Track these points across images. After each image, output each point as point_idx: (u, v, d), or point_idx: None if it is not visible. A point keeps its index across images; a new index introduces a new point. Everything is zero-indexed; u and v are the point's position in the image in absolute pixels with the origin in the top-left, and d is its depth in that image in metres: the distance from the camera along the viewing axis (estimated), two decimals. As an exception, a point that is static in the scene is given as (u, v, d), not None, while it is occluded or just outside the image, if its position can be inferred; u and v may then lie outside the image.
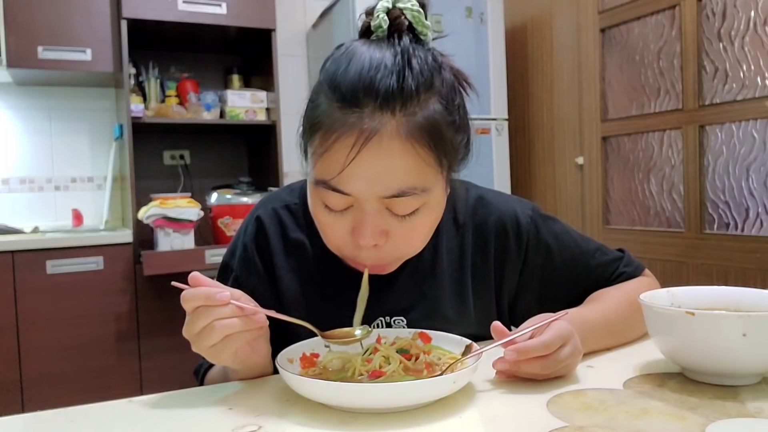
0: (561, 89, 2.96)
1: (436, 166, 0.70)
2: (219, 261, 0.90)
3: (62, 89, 2.79)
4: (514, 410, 0.60)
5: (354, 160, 0.66)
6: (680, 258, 2.39)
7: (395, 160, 0.67)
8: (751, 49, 2.15)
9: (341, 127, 0.67)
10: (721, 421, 0.55)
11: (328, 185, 0.69)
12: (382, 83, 0.66)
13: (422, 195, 0.70)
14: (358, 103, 0.66)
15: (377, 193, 0.68)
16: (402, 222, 0.71)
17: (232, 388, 0.70)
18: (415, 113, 0.67)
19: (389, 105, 0.66)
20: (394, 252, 0.73)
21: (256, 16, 2.61)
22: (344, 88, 0.67)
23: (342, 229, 0.72)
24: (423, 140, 0.68)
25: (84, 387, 2.26)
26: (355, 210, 0.70)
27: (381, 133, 0.66)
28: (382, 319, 0.83)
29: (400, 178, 0.68)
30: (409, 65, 0.67)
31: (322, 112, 0.69)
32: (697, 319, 0.61)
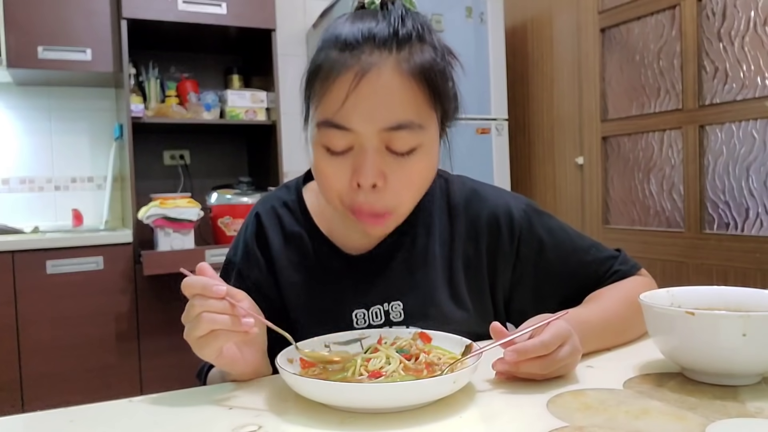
0: (561, 89, 2.96)
1: (431, 107, 0.75)
2: (219, 261, 0.92)
3: (62, 89, 2.79)
4: (514, 410, 0.60)
5: (353, 93, 0.70)
6: (680, 258, 2.39)
7: (393, 93, 0.71)
8: (751, 49, 2.15)
9: (341, 66, 0.71)
10: (721, 421, 0.55)
11: (330, 123, 0.72)
12: (379, 29, 0.72)
13: (419, 132, 0.73)
14: (356, 45, 0.72)
15: (377, 125, 0.71)
16: (399, 163, 0.73)
17: (232, 388, 0.70)
18: (412, 55, 0.73)
19: (386, 45, 0.71)
20: (392, 198, 0.75)
21: (256, 16, 2.61)
22: (343, 36, 0.73)
23: (343, 173, 0.74)
24: (418, 79, 0.72)
25: (84, 387, 2.26)
26: (355, 152, 0.73)
27: (379, 67, 0.71)
28: (379, 306, 0.83)
29: (398, 111, 0.71)
30: (402, 21, 0.73)
31: (322, 59, 0.74)
32: (697, 319, 0.61)
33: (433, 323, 0.80)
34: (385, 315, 0.84)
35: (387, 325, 0.83)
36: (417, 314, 0.83)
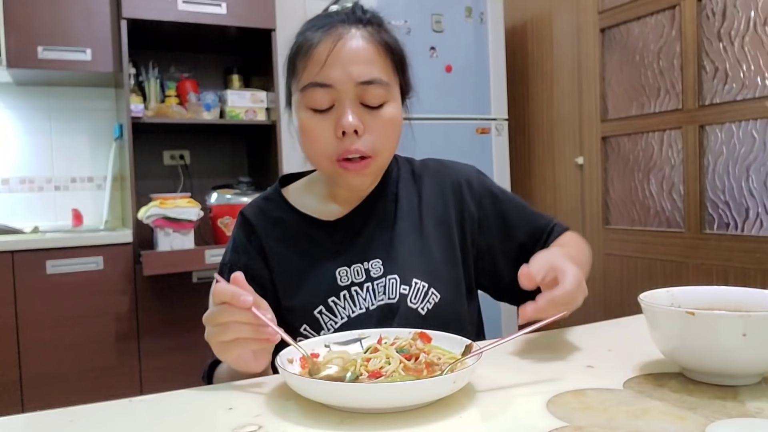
0: (561, 89, 2.96)
1: (394, 74, 0.90)
2: (219, 261, 0.94)
3: (62, 89, 2.79)
4: (514, 410, 0.60)
5: (332, 54, 0.84)
6: (680, 258, 2.39)
7: (365, 55, 0.86)
8: (751, 49, 2.15)
9: (320, 38, 0.86)
10: (721, 421, 0.55)
11: (313, 83, 0.85)
12: (347, 14, 0.89)
13: (387, 89, 0.87)
14: (331, 24, 0.87)
15: (354, 79, 0.84)
16: (373, 115, 0.86)
17: (232, 388, 0.70)
18: (377, 31, 0.89)
19: (355, 22, 0.88)
20: (372, 143, 0.86)
21: (256, 16, 2.61)
22: (318, 20, 0.89)
23: (327, 129, 0.86)
24: (384, 48, 0.88)
25: (84, 387, 2.26)
26: (336, 108, 0.86)
27: (352, 34, 0.86)
28: (360, 265, 0.92)
29: (370, 69, 0.86)
30: (363, 11, 0.91)
31: (301, 40, 0.89)
32: (697, 319, 0.61)
33: (408, 274, 0.91)
34: (366, 272, 0.92)
35: (368, 281, 0.91)
36: (393, 269, 0.92)
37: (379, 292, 0.91)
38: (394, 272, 0.92)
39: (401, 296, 0.90)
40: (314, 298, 0.90)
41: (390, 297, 0.91)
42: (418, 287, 0.91)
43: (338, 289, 0.91)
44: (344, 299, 0.91)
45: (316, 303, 0.90)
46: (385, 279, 0.91)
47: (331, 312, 0.90)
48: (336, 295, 0.90)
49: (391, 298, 0.91)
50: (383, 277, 0.92)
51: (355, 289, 0.91)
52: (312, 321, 0.89)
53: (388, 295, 0.91)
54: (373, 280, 0.92)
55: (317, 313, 0.89)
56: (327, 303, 0.90)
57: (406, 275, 0.91)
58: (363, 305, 0.91)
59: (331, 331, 0.89)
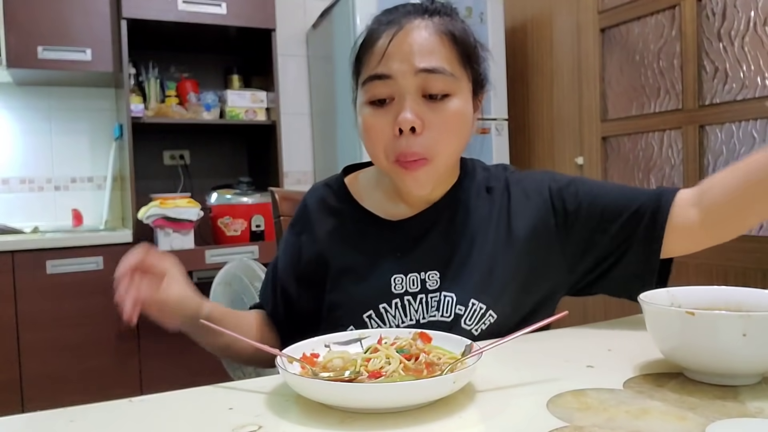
0: (561, 89, 2.96)
1: (462, 66, 0.84)
2: (219, 261, 0.96)
3: (62, 89, 2.79)
4: (514, 410, 0.60)
5: (392, 43, 0.81)
6: (680, 258, 2.39)
7: (427, 42, 0.81)
8: (751, 49, 2.15)
9: (383, 29, 0.83)
10: (721, 421, 0.55)
11: (372, 76, 0.82)
12: (414, 5, 0.85)
13: (451, 80, 0.82)
14: (395, 16, 0.84)
15: (413, 66, 0.80)
16: (435, 110, 0.81)
17: (232, 388, 0.70)
18: (445, 22, 0.84)
19: (421, 12, 0.84)
20: (430, 142, 0.81)
21: (256, 16, 2.61)
22: (384, 13, 0.86)
23: (386, 123, 0.82)
24: (450, 38, 0.83)
25: (84, 387, 2.26)
26: (396, 102, 0.82)
27: (415, 24, 0.82)
28: (416, 274, 0.88)
29: (432, 57, 0.81)
30: (430, 2, 0.86)
31: (367, 31, 0.86)
32: (697, 319, 0.61)
33: (467, 294, 0.85)
34: (422, 283, 0.88)
35: (423, 292, 0.87)
36: (451, 286, 0.87)
37: (432, 307, 0.87)
38: (451, 289, 0.87)
39: (456, 316, 0.86)
40: (366, 300, 0.87)
41: (444, 315, 0.86)
42: (475, 309, 0.86)
43: (391, 296, 0.87)
44: (395, 308, 0.87)
45: (367, 307, 0.87)
46: (440, 294, 0.87)
47: (381, 319, 0.87)
48: (388, 302, 0.87)
49: (444, 316, 0.86)
50: (438, 292, 0.87)
51: (408, 299, 0.87)
52: (360, 323, 0.86)
53: (442, 312, 0.86)
54: (428, 292, 0.87)
55: (366, 317, 0.86)
56: (378, 309, 0.86)
57: (464, 295, 0.85)
58: (414, 317, 0.87)
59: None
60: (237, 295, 1.56)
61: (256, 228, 2.61)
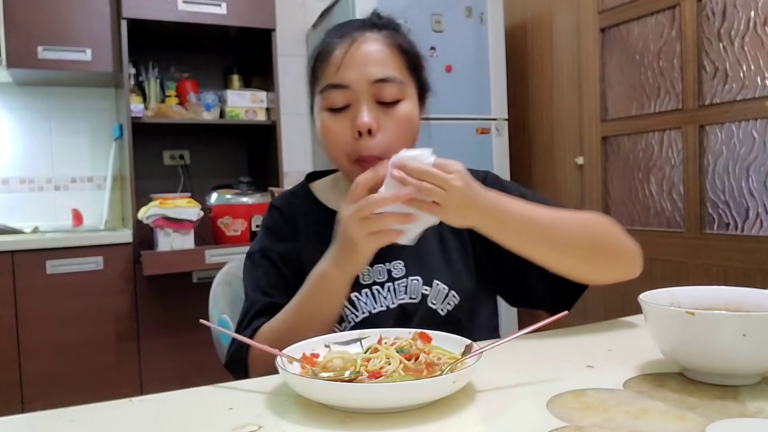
0: (561, 89, 2.96)
1: (408, 73, 0.93)
2: (219, 261, 0.96)
3: (62, 89, 2.79)
4: (514, 410, 0.60)
5: (347, 56, 0.89)
6: (680, 258, 2.39)
7: (379, 56, 0.90)
8: (751, 49, 2.15)
9: (337, 42, 0.91)
10: (721, 421, 0.55)
11: (330, 85, 0.90)
12: (360, 20, 0.95)
13: (401, 87, 0.90)
14: (348, 29, 0.92)
15: (368, 78, 0.88)
16: (388, 113, 0.90)
17: (232, 388, 0.70)
18: (392, 35, 0.93)
19: (370, 27, 0.93)
20: (386, 143, 0.89)
21: (256, 16, 2.61)
22: (337, 27, 0.95)
23: (344, 127, 0.89)
24: (398, 50, 0.92)
25: (84, 387, 2.26)
26: (352, 108, 0.89)
27: (367, 37, 0.91)
28: (382, 265, 0.94)
29: (384, 68, 0.89)
30: (379, 17, 0.96)
31: (321, 45, 0.94)
32: (697, 319, 0.61)
33: (430, 276, 0.93)
34: (388, 273, 0.95)
35: (390, 281, 0.94)
36: (416, 271, 0.94)
37: (401, 291, 0.94)
38: (416, 274, 0.94)
39: (423, 296, 0.93)
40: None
41: (412, 297, 0.93)
42: (439, 289, 0.94)
43: (360, 287, 0.93)
44: (366, 296, 0.93)
45: None
46: (407, 280, 0.94)
47: (354, 306, 0.93)
48: (358, 292, 0.93)
49: (412, 298, 0.93)
50: (405, 278, 0.94)
51: (377, 288, 0.94)
52: None
53: (410, 294, 0.94)
54: (395, 280, 0.94)
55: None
56: (350, 298, 0.92)
57: (428, 277, 0.94)
58: (384, 303, 0.93)
59: (352, 324, 0.92)
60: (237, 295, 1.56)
61: (256, 228, 2.60)
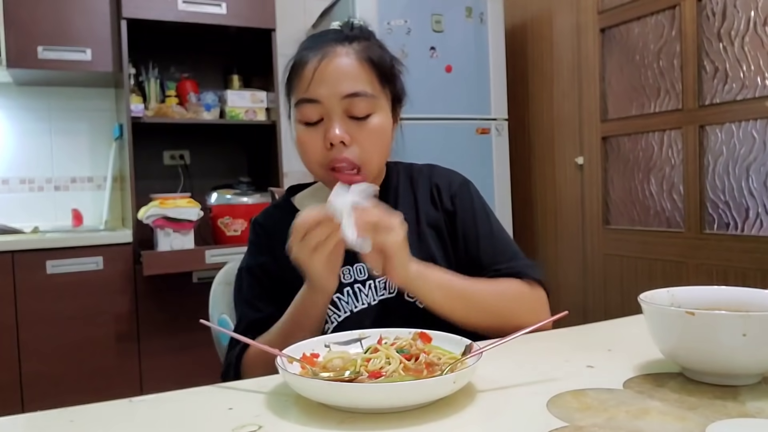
0: (561, 89, 2.96)
1: (380, 85, 0.94)
2: (219, 261, 0.97)
3: (62, 89, 2.79)
4: (514, 410, 0.60)
5: (318, 71, 0.91)
6: (680, 258, 2.39)
7: (349, 70, 0.92)
8: (751, 49, 2.15)
9: (308, 56, 0.93)
10: (721, 421, 0.55)
11: (303, 100, 0.92)
12: (335, 31, 0.97)
13: (372, 101, 0.92)
14: (319, 42, 0.94)
15: (339, 93, 0.90)
16: (360, 126, 0.92)
17: (232, 388, 0.70)
18: (363, 48, 0.94)
19: (342, 40, 0.94)
20: (360, 154, 0.92)
21: (256, 16, 2.61)
22: (309, 39, 0.97)
23: (317, 140, 0.92)
24: (369, 63, 0.93)
25: (84, 387, 2.26)
26: (325, 122, 0.92)
27: (338, 52, 0.92)
28: (362, 264, 0.96)
29: (354, 83, 0.91)
30: (351, 27, 0.98)
31: (295, 57, 0.96)
32: (697, 319, 0.61)
33: None
34: (367, 270, 0.97)
35: (370, 279, 0.97)
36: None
37: (381, 287, 0.97)
38: None
39: (399, 291, 0.95)
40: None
41: (390, 292, 0.96)
42: None
43: (342, 286, 0.95)
44: (348, 295, 0.96)
45: None
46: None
47: (336, 306, 0.95)
48: (340, 291, 0.95)
49: (390, 293, 0.96)
50: (383, 277, 0.96)
51: (358, 286, 0.96)
52: None
53: (389, 290, 0.96)
54: (375, 278, 0.97)
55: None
56: (332, 299, 0.93)
57: None
58: (365, 301, 0.96)
59: (335, 324, 0.94)
60: (237, 295, 1.56)
61: (256, 228, 2.60)
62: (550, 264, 3.05)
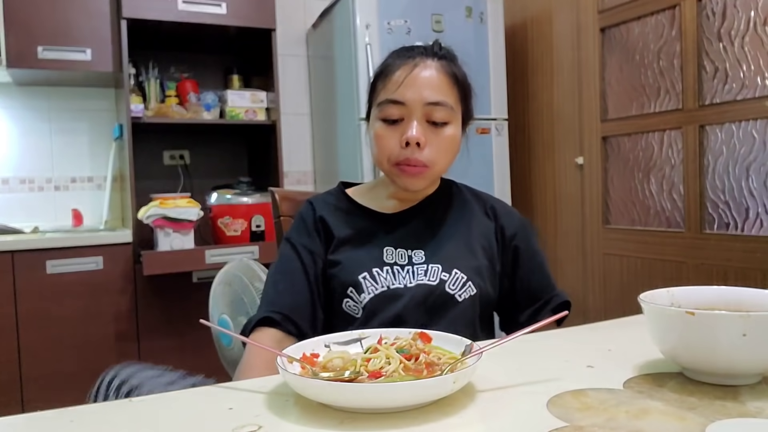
0: (561, 89, 2.96)
1: (458, 101, 1.05)
2: (219, 261, 0.97)
3: (62, 89, 2.79)
4: (514, 410, 0.60)
5: (409, 77, 1.01)
6: (680, 258, 2.39)
7: (435, 81, 1.02)
8: (751, 49, 2.15)
9: (400, 63, 1.03)
10: (721, 421, 0.55)
11: (389, 100, 1.01)
12: (423, 47, 1.07)
13: (450, 112, 1.02)
14: (410, 53, 1.04)
15: (424, 98, 1.00)
16: (436, 132, 1.02)
17: (232, 388, 0.70)
18: (449, 65, 1.05)
19: (431, 55, 1.04)
20: (430, 155, 1.01)
21: (256, 16, 2.61)
22: (401, 50, 1.07)
23: (395, 137, 1.01)
24: (453, 79, 1.04)
25: (84, 387, 2.25)
26: (405, 122, 1.01)
27: (427, 64, 1.03)
28: (404, 250, 1.04)
29: (438, 93, 1.01)
30: (440, 47, 1.08)
31: (386, 64, 1.06)
32: (697, 319, 0.61)
33: (451, 265, 1.02)
34: (409, 258, 1.04)
35: (410, 265, 1.03)
36: (436, 260, 1.03)
37: (420, 274, 1.02)
38: (437, 261, 1.03)
39: (441, 281, 1.01)
40: (361, 264, 1.02)
41: (430, 279, 1.02)
42: (457, 277, 1.02)
43: (383, 264, 1.02)
44: (387, 273, 1.02)
45: (361, 270, 1.01)
46: (427, 266, 1.03)
47: (374, 279, 1.01)
48: (380, 268, 1.02)
49: (431, 280, 1.02)
50: (425, 264, 1.03)
51: (397, 268, 1.03)
52: (356, 284, 1.01)
53: (429, 277, 1.02)
54: (415, 265, 1.03)
55: (361, 278, 1.00)
56: (371, 272, 1.01)
57: (448, 265, 1.03)
58: (402, 282, 1.01)
59: (371, 295, 0.99)
60: (237, 295, 1.56)
61: (256, 228, 2.61)
62: (550, 264, 3.05)
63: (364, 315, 0.99)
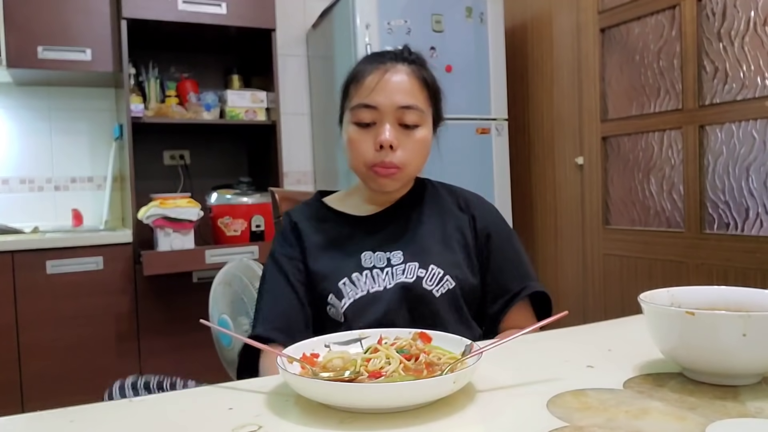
0: (561, 89, 2.96)
1: (429, 104, 1.09)
2: (219, 261, 0.98)
3: (62, 89, 2.79)
4: (514, 410, 0.60)
5: (380, 82, 1.04)
6: (680, 258, 2.39)
7: (406, 85, 1.05)
8: (751, 49, 2.15)
9: (372, 68, 1.06)
10: (721, 421, 0.55)
11: (361, 104, 1.04)
12: (394, 52, 1.10)
13: (421, 114, 1.05)
14: (382, 58, 1.08)
15: (395, 103, 1.03)
16: (407, 135, 1.05)
17: (232, 388, 0.70)
18: (419, 69, 1.08)
19: (402, 60, 1.08)
20: (403, 158, 1.04)
21: (256, 16, 2.61)
22: (372, 55, 1.11)
23: (368, 141, 1.04)
24: (422, 83, 1.07)
25: (84, 387, 2.26)
26: (377, 126, 1.04)
27: (397, 69, 1.06)
28: (382, 252, 1.06)
29: (409, 97, 1.04)
30: (409, 52, 1.11)
31: (357, 69, 1.09)
32: (697, 319, 0.61)
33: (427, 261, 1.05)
34: (387, 260, 1.06)
35: (389, 266, 1.05)
36: (414, 258, 1.05)
37: (398, 274, 1.04)
38: (414, 259, 1.05)
39: (418, 278, 1.03)
40: (340, 271, 1.04)
41: (408, 277, 1.04)
42: (434, 272, 1.04)
43: (361, 268, 1.05)
44: (366, 277, 1.04)
45: (341, 276, 1.04)
46: (405, 265, 1.05)
47: (354, 284, 1.03)
48: (359, 272, 1.04)
49: (408, 278, 1.04)
50: (404, 264, 1.05)
51: (376, 272, 1.05)
52: (336, 291, 1.03)
53: (407, 275, 1.04)
54: (393, 266, 1.05)
55: (341, 284, 1.03)
56: (351, 277, 1.03)
57: (425, 262, 1.05)
58: (382, 284, 1.03)
59: (351, 300, 1.01)
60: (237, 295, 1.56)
61: (256, 228, 2.61)
62: (550, 264, 3.05)
63: (347, 321, 1.01)
